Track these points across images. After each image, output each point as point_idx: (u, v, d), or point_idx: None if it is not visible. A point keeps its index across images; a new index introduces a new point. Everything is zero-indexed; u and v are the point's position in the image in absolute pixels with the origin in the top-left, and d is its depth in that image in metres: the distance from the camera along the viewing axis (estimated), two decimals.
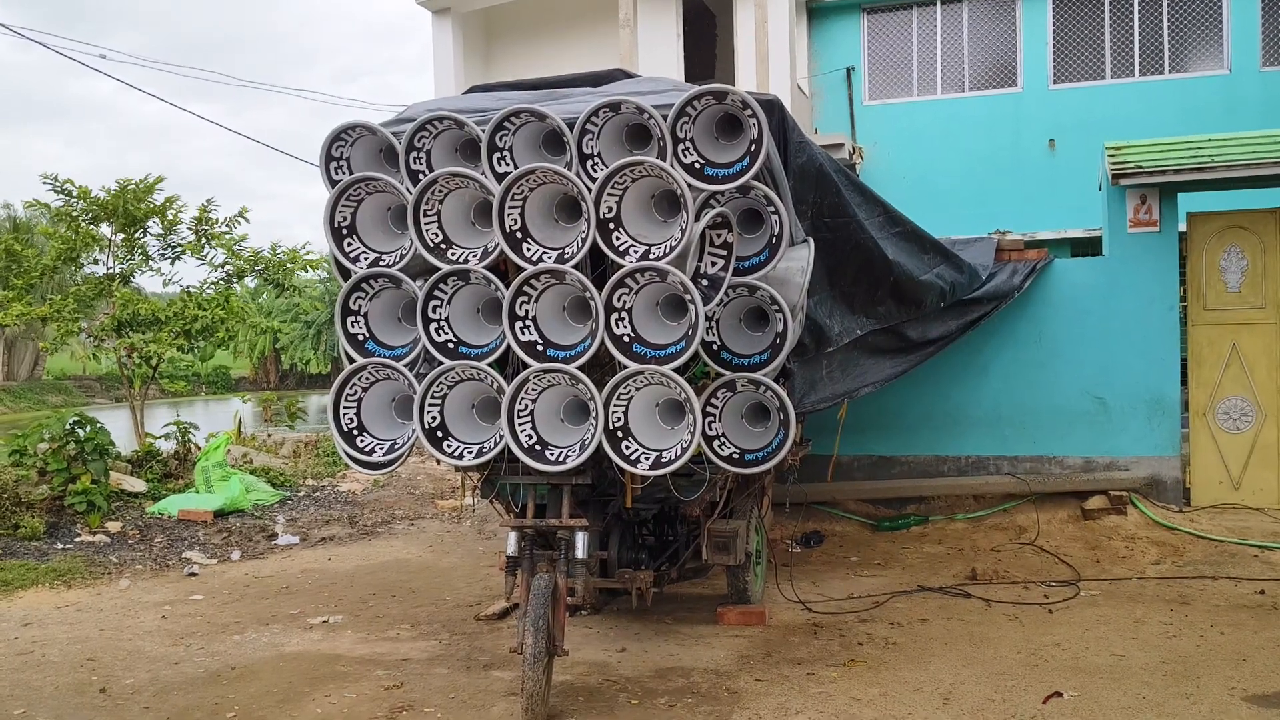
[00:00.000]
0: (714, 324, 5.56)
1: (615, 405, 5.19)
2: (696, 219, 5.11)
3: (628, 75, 6.63)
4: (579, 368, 5.17)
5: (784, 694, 5.32)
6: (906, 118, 14.91)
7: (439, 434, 5.43)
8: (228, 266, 13.80)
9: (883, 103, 15.10)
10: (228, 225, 13.54)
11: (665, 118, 5.16)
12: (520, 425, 5.26)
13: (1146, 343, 9.14)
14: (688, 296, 5.00)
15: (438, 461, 5.55)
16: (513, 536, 5.54)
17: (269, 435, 17.31)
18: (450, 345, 5.43)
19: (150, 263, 13.49)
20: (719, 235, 5.28)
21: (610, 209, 5.15)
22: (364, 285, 5.59)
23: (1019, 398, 9.47)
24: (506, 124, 5.35)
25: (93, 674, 5.95)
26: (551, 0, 15.17)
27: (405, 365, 5.53)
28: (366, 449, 5.63)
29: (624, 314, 5.16)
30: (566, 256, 5.19)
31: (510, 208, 5.20)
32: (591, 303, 5.15)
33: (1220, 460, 9.15)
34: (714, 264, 5.30)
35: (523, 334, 5.23)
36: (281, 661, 6.16)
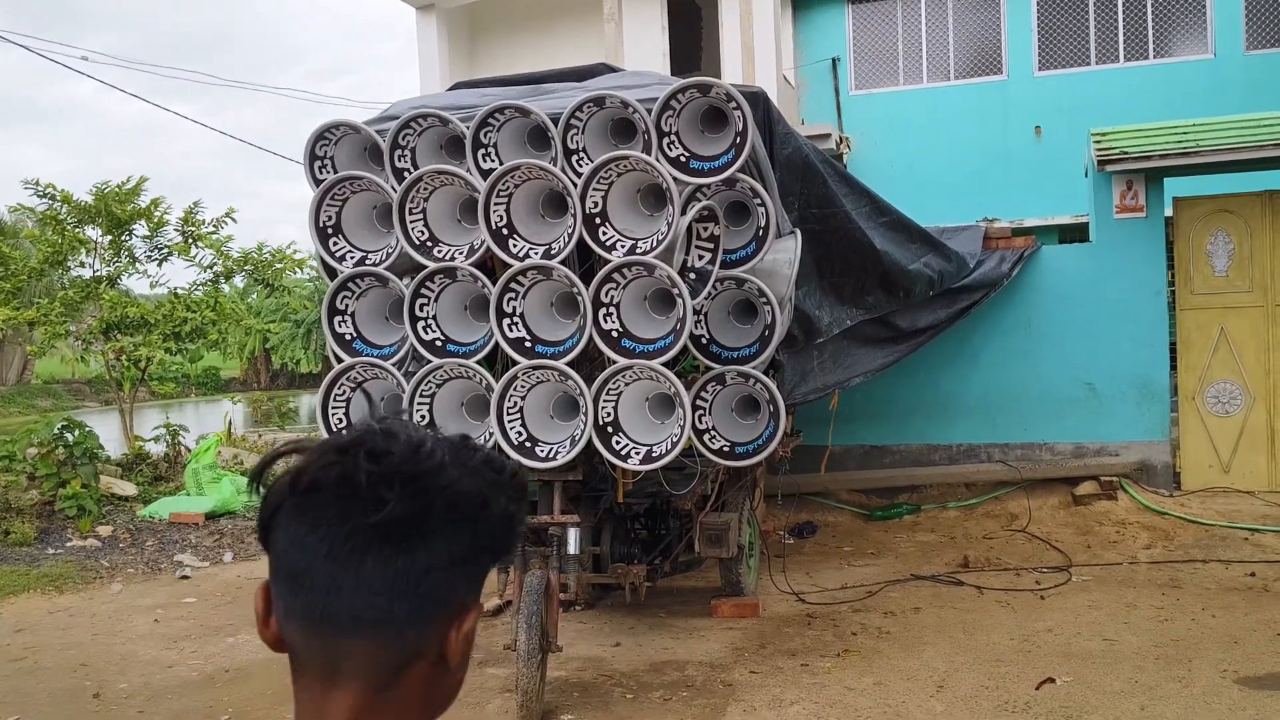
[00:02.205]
0: (702, 317, 5.56)
1: (605, 400, 5.18)
2: (683, 212, 5.10)
3: (612, 70, 6.62)
4: (568, 364, 5.16)
5: (778, 685, 5.33)
6: (893, 107, 14.90)
7: None
8: (216, 267, 13.74)
9: (869, 92, 15.08)
10: (214, 226, 13.48)
11: (650, 112, 5.15)
12: (510, 422, 5.25)
13: (1135, 328, 9.16)
14: (675, 290, 5.00)
15: None
16: None
17: (260, 436, 17.27)
18: (438, 343, 5.42)
19: (137, 265, 13.42)
20: (706, 228, 5.27)
21: (596, 204, 5.14)
22: (350, 284, 5.57)
23: (1009, 385, 9.49)
24: (491, 120, 5.34)
25: (86, 679, 5.93)
26: None
27: (393, 364, 5.52)
28: None
29: (612, 309, 5.15)
30: (553, 252, 5.18)
31: (496, 204, 5.18)
32: (579, 298, 5.14)
33: (1210, 444, 9.18)
34: (701, 257, 5.30)
35: (511, 331, 5.22)
36: (275, 663, 6.14)
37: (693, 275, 5.26)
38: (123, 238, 13.07)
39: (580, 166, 5.22)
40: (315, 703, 0.90)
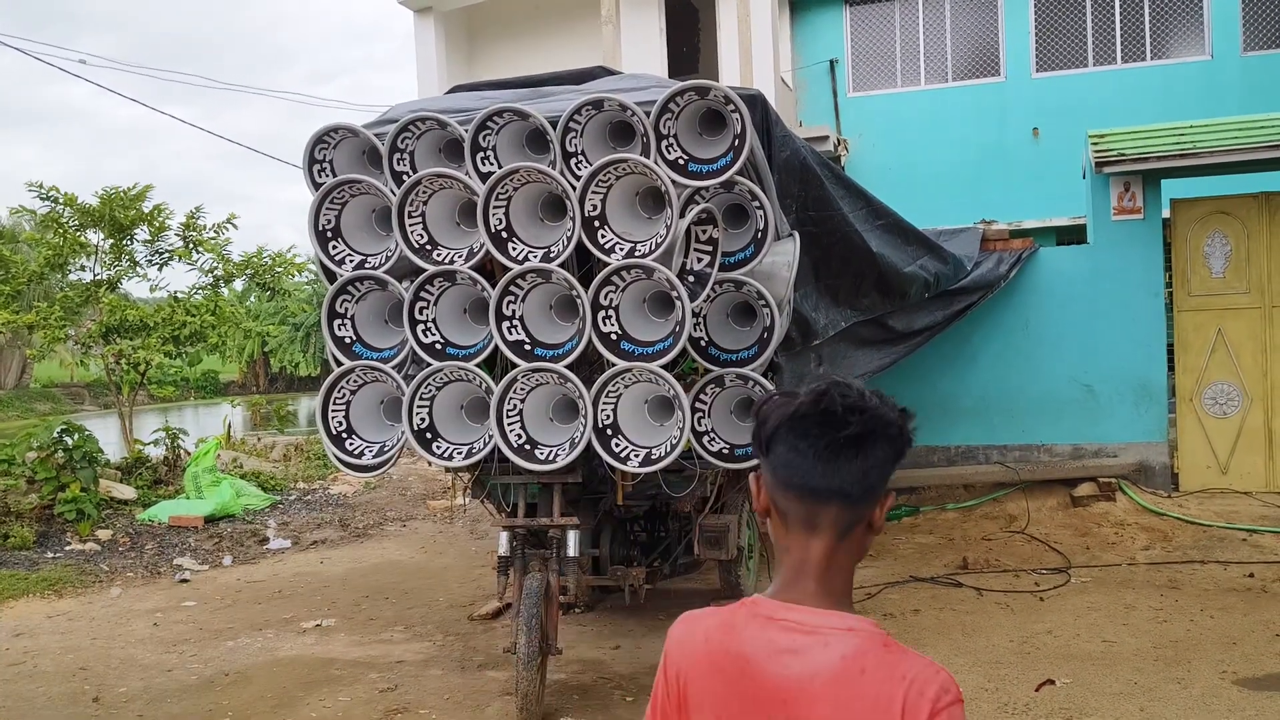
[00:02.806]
0: (701, 320, 5.56)
1: (604, 403, 5.19)
2: (681, 215, 5.11)
3: (610, 72, 6.62)
4: (567, 366, 5.17)
5: None
6: (891, 109, 14.92)
7: (428, 435, 5.42)
8: (216, 271, 13.75)
9: (867, 94, 15.11)
10: (215, 231, 13.50)
11: (648, 114, 5.15)
12: (509, 425, 5.26)
13: (1133, 329, 9.18)
14: (674, 293, 5.00)
15: (428, 463, 5.55)
16: (504, 536, 5.54)
17: (259, 439, 17.27)
18: (438, 346, 5.42)
19: (137, 269, 13.44)
20: (704, 231, 5.28)
21: (595, 207, 5.14)
22: (350, 288, 5.58)
23: (1007, 386, 9.50)
24: (489, 123, 5.34)
25: (85, 683, 5.93)
26: None
27: (393, 367, 5.52)
28: (356, 452, 5.62)
29: (611, 311, 5.16)
30: (552, 255, 5.19)
31: (495, 207, 5.19)
32: (578, 301, 5.14)
33: (1208, 445, 9.20)
34: (700, 260, 5.30)
35: (510, 334, 5.23)
36: (275, 666, 6.15)
37: (691, 278, 5.26)
38: (124, 242, 13.09)
39: (579, 169, 5.23)
40: (801, 544, 1.49)
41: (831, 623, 1.44)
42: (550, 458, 5.23)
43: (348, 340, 5.64)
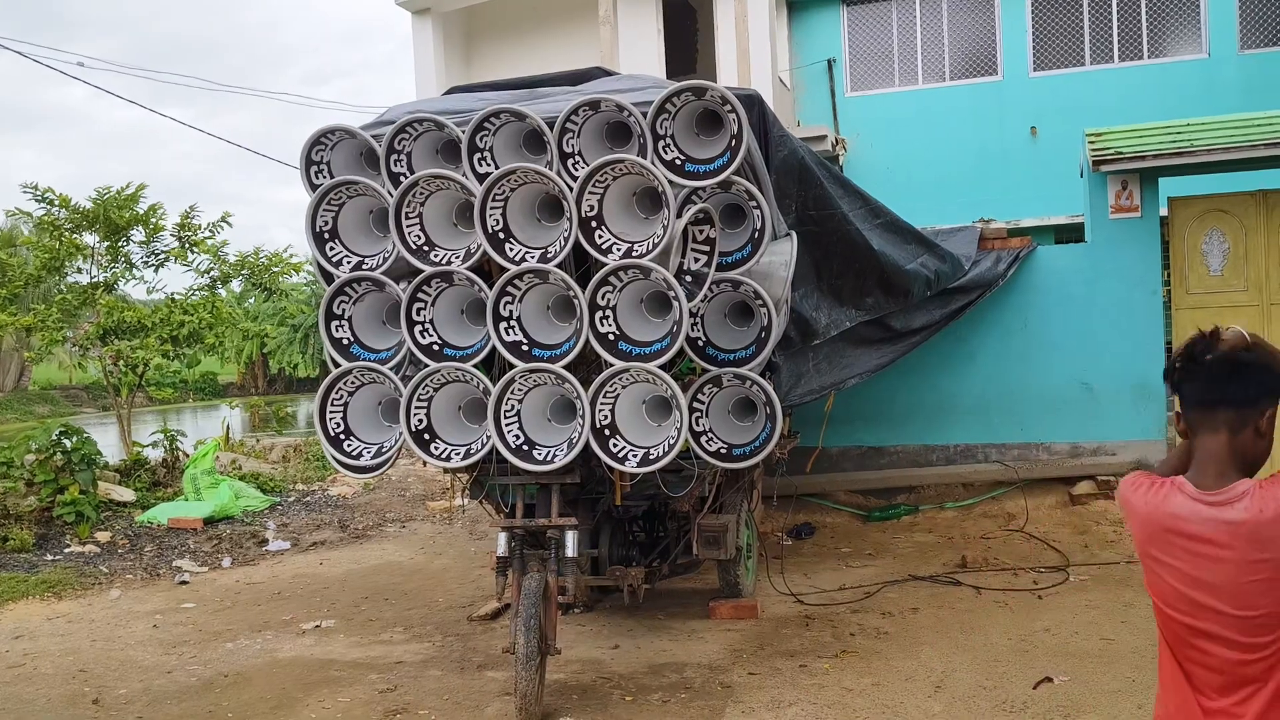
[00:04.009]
0: (698, 320, 5.57)
1: (602, 403, 5.19)
2: (678, 215, 5.12)
3: (607, 73, 6.63)
4: (564, 367, 5.17)
5: (777, 686, 5.34)
6: (888, 108, 14.93)
7: (426, 436, 5.43)
8: (213, 272, 13.75)
9: (864, 94, 15.12)
10: (210, 231, 13.49)
11: (645, 115, 5.16)
12: (507, 425, 5.26)
13: (1131, 327, 9.18)
14: (671, 293, 5.01)
15: (426, 464, 5.55)
16: (503, 537, 5.54)
17: (258, 441, 17.27)
18: (435, 347, 5.43)
19: (134, 270, 13.43)
20: (701, 231, 5.29)
21: (592, 207, 5.15)
22: (347, 289, 5.58)
23: (1006, 385, 9.51)
24: (486, 124, 5.35)
25: (85, 685, 5.94)
26: None
27: (390, 368, 5.53)
28: (354, 453, 5.63)
29: (608, 312, 5.16)
30: (549, 256, 5.19)
31: (492, 208, 5.19)
32: (576, 301, 5.15)
33: None
34: (697, 260, 5.31)
35: (507, 334, 5.24)
36: (275, 668, 6.15)
37: (689, 278, 5.27)
38: (120, 244, 13.08)
39: (576, 170, 5.23)
40: (1205, 442, 2.13)
41: (1228, 494, 2.07)
42: (548, 458, 5.23)
43: (345, 341, 5.65)
